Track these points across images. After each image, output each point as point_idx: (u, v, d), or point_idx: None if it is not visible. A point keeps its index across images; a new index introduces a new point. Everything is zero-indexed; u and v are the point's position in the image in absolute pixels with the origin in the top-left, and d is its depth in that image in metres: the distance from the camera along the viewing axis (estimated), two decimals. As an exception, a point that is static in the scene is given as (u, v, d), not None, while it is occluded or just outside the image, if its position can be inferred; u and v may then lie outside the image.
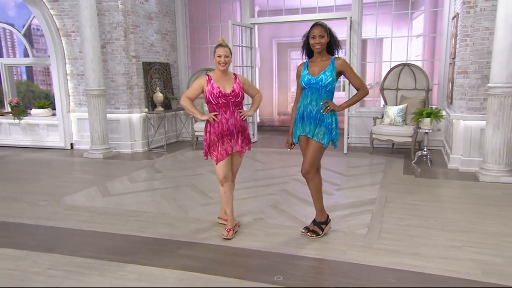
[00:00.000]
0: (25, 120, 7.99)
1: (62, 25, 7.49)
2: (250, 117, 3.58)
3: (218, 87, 3.36)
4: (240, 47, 8.09)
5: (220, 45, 3.39)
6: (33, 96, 10.79)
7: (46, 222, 3.93)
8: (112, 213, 4.14)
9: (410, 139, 6.26)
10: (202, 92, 3.41)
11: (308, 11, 7.96)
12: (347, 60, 6.50)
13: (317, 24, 3.23)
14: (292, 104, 11.58)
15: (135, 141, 7.44)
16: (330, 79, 3.21)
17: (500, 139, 4.95)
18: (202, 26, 8.53)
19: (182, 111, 8.26)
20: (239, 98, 3.44)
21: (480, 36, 5.33)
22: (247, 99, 5.73)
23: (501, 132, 4.93)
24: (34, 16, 7.69)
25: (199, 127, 7.48)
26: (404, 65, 6.87)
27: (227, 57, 3.37)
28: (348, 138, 7.13)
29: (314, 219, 3.48)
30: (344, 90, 12.68)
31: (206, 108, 3.50)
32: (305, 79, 3.30)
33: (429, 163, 5.88)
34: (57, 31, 7.50)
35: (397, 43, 7.51)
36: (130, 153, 7.28)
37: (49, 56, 7.75)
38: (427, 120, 5.75)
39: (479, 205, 4.11)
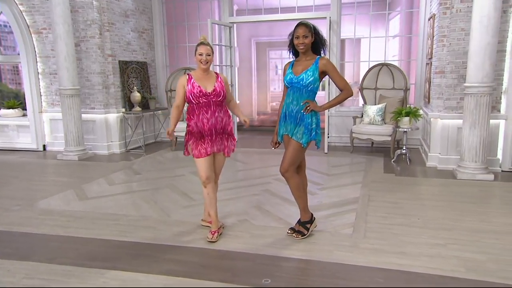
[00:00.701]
0: (-6, 121, 7.67)
1: (32, 22, 7.22)
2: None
3: (199, 86, 3.29)
4: (219, 46, 8.02)
5: (201, 43, 3.32)
6: (1, 95, 10.38)
7: (19, 228, 3.76)
8: (90, 217, 4.00)
9: (389, 138, 6.34)
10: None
11: (287, 10, 7.96)
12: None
13: (301, 24, 3.20)
14: (274, 103, 11.57)
15: (111, 142, 7.26)
16: (311, 78, 3.19)
17: (476, 137, 5.07)
18: (180, 25, 8.40)
19: (160, 111, 8.12)
20: (220, 98, 3.36)
21: (456, 36, 5.45)
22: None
23: (477, 131, 5.05)
24: (1, 12, 7.37)
25: (179, 127, 7.30)
26: (382, 65, 6.97)
27: (209, 55, 3.30)
28: (328, 137, 7.16)
29: (299, 219, 3.46)
30: (324, 89, 12.84)
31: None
32: (288, 78, 3.28)
33: (408, 162, 5.97)
34: (27, 28, 7.22)
35: (374, 43, 7.60)
36: (107, 155, 7.09)
37: (18, 54, 7.46)
38: (406, 119, 5.84)
39: (458, 203, 4.19)
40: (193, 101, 3.30)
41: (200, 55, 3.29)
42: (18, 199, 4.60)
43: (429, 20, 6.57)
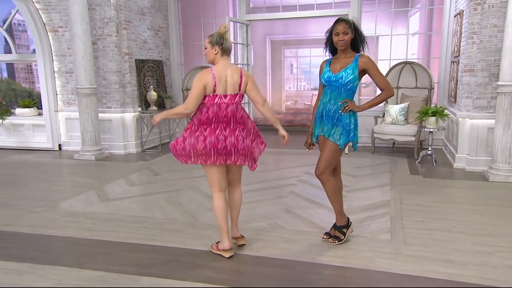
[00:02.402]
0: (9, 120, 7.60)
1: (48, 20, 7.14)
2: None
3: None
4: (235, 45, 7.89)
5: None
6: (14, 94, 10.33)
7: (44, 230, 3.67)
8: (115, 220, 3.90)
9: (413, 138, 6.19)
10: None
11: (305, 8, 7.81)
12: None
13: (341, 20, 3.07)
14: (289, 102, 11.43)
15: (128, 141, 7.17)
16: (351, 77, 3.06)
17: (510, 138, 4.91)
18: (195, 23, 8.29)
19: (175, 110, 8.00)
20: None
21: (488, 33, 5.28)
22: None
23: (511, 131, 4.89)
24: (17, 10, 7.31)
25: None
26: (405, 63, 6.81)
27: None
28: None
29: (335, 223, 3.33)
30: None
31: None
32: (325, 76, 3.15)
33: (433, 163, 5.82)
34: (43, 26, 7.15)
35: (393, 42, 7.44)
36: (123, 154, 7.00)
37: (32, 53, 7.39)
38: (433, 119, 5.68)
39: (496, 207, 4.04)
40: None
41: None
42: (40, 200, 4.51)
43: (455, 17, 6.40)
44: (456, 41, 6.16)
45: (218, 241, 3.14)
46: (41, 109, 7.52)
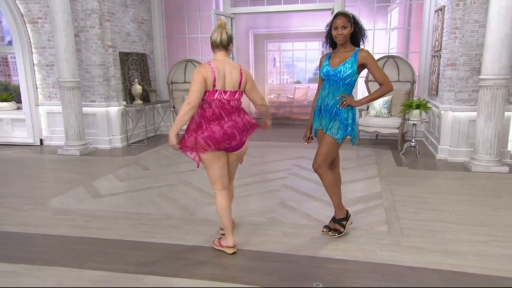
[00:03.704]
0: (-14, 114, 7.23)
1: (27, 11, 6.79)
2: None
3: None
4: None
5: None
6: (-10, 88, 9.83)
7: (36, 229, 3.48)
8: (109, 217, 3.75)
9: (396, 131, 6.25)
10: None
11: (290, 1, 7.73)
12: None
13: (340, 14, 3.00)
14: (272, 95, 11.34)
15: (113, 136, 6.94)
16: (350, 71, 3.01)
17: (491, 130, 5.00)
18: (179, 15, 8.07)
19: (160, 104, 7.81)
20: None
21: (469, 28, 5.35)
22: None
23: (492, 123, 4.98)
24: (-7, 1, 6.91)
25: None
26: (388, 57, 6.84)
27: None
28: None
29: (334, 216, 3.30)
30: None
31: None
32: (324, 70, 3.09)
33: (417, 154, 5.89)
34: (21, 17, 6.79)
35: (375, 36, 7.46)
36: (109, 149, 6.78)
37: (7, 44, 7.03)
38: (416, 112, 5.73)
39: (483, 196, 4.11)
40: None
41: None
42: (27, 198, 4.29)
43: (436, 12, 6.45)
44: (438, 36, 6.21)
45: (220, 237, 3.07)
46: (20, 103, 7.18)
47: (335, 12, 6.64)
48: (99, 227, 3.50)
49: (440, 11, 6.12)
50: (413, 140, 5.96)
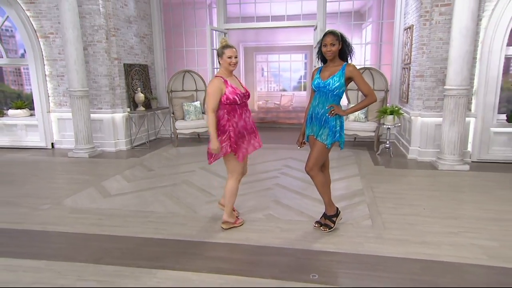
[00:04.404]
0: (1, 120, 7.00)
1: (39, 27, 6.60)
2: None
3: (237, 88, 3.02)
4: (213, 50, 7.67)
5: (228, 46, 3.00)
6: (3, 96, 9.60)
7: (55, 227, 3.38)
8: (120, 215, 3.67)
9: (373, 134, 6.30)
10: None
11: (277, 18, 7.71)
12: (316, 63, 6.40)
13: (329, 33, 3.00)
14: (261, 102, 11.31)
15: (118, 139, 6.81)
16: (337, 84, 3.01)
17: (455, 133, 5.08)
18: (177, 30, 7.97)
19: (160, 110, 7.70)
20: (249, 98, 3.20)
21: (435, 45, 5.42)
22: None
23: (456, 127, 5.07)
24: (7, 16, 6.70)
25: (181, 125, 7.03)
26: (365, 68, 6.88)
27: (236, 57, 3.03)
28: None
29: (324, 213, 3.29)
30: (305, 89, 12.70)
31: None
32: (315, 82, 3.09)
33: (391, 155, 5.95)
34: (34, 32, 6.60)
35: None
36: (114, 151, 6.65)
37: (20, 57, 6.85)
38: (390, 117, 5.79)
39: (450, 192, 4.17)
40: (238, 102, 2.99)
41: (229, 58, 2.98)
42: (43, 198, 4.17)
43: (405, 30, 6.53)
44: (407, 50, 6.29)
45: (230, 221, 3.25)
46: (33, 110, 6.99)
47: (317, 28, 6.69)
48: (112, 225, 3.42)
49: (409, 29, 6.19)
50: (388, 142, 6.01)
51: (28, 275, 2.56)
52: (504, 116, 5.53)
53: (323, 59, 3.11)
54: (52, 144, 7.03)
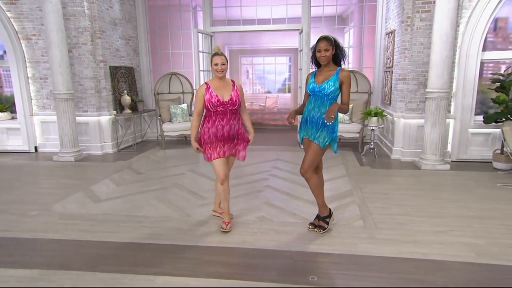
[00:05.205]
0: (-19, 124, 6.71)
1: (21, 28, 6.36)
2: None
3: (217, 96, 3.07)
4: (202, 53, 7.60)
5: (216, 54, 3.10)
6: (-19, 98, 9.17)
7: (45, 234, 3.26)
8: (112, 220, 3.57)
9: (357, 135, 6.39)
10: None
11: (263, 22, 7.71)
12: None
13: (322, 38, 3.01)
14: (246, 103, 11.12)
15: (104, 142, 6.64)
16: (333, 88, 3.03)
17: (436, 134, 5.21)
18: (162, 32, 7.85)
19: (146, 113, 7.56)
20: (236, 106, 3.14)
21: (416, 49, 5.54)
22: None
23: (437, 129, 5.19)
24: (-13, 18, 6.42)
25: (168, 128, 6.93)
26: (350, 72, 6.95)
27: (224, 64, 3.08)
28: (298, 133, 7.06)
29: (318, 214, 3.31)
30: (289, 91, 12.74)
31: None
32: (310, 87, 3.10)
33: (375, 155, 6.04)
34: (16, 34, 6.35)
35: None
36: (101, 155, 6.48)
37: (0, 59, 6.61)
38: (375, 119, 5.88)
39: (434, 191, 4.26)
40: (211, 110, 3.08)
41: (215, 65, 3.06)
42: (31, 204, 4.01)
43: (387, 34, 6.64)
44: (389, 54, 6.40)
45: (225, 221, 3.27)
46: (15, 113, 6.73)
47: (303, 32, 6.72)
48: (105, 231, 3.32)
49: (390, 34, 6.31)
50: (372, 143, 6.11)
51: (22, 286, 2.45)
52: (481, 118, 5.70)
53: (317, 64, 3.12)
54: (36, 147, 6.79)
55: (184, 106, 7.20)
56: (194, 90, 7.58)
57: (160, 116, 7.11)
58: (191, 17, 8.45)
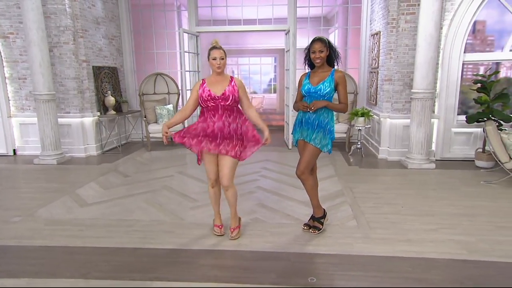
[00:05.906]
0: (-44, 126, 6.41)
1: (-3, 26, 6.11)
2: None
3: (209, 90, 2.89)
4: (185, 53, 7.51)
5: (214, 48, 2.91)
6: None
7: (31, 241, 3.13)
8: (102, 225, 3.47)
9: (344, 135, 6.46)
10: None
11: (249, 22, 7.69)
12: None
13: (317, 39, 3.02)
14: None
15: (88, 144, 6.46)
16: (328, 89, 3.04)
17: (422, 134, 5.33)
18: (146, 32, 7.71)
19: (131, 114, 7.41)
20: (228, 102, 2.91)
21: (402, 51, 5.65)
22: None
23: (422, 129, 5.31)
24: (-39, 15, 6.14)
25: (154, 129, 6.82)
26: (335, 72, 7.02)
27: (222, 59, 2.90)
28: (292, 134, 7.09)
29: (312, 215, 3.32)
30: (275, 92, 12.73)
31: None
32: (305, 88, 3.10)
33: (362, 155, 6.12)
34: (-8, 32, 6.10)
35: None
36: (84, 157, 6.31)
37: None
38: (361, 119, 5.96)
39: (422, 190, 4.35)
40: (202, 104, 2.95)
41: (214, 59, 2.88)
42: (14, 209, 3.85)
43: (372, 36, 6.75)
44: (374, 55, 6.50)
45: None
46: (-8, 114, 6.45)
47: (289, 33, 6.74)
48: (95, 236, 3.22)
49: (376, 35, 6.41)
50: (359, 143, 6.19)
51: (11, 296, 2.35)
52: (463, 117, 5.86)
53: (311, 65, 3.13)
54: (14, 150, 6.54)
55: (170, 107, 7.10)
56: (180, 91, 7.48)
57: (145, 117, 6.98)
58: (175, 16, 8.36)
